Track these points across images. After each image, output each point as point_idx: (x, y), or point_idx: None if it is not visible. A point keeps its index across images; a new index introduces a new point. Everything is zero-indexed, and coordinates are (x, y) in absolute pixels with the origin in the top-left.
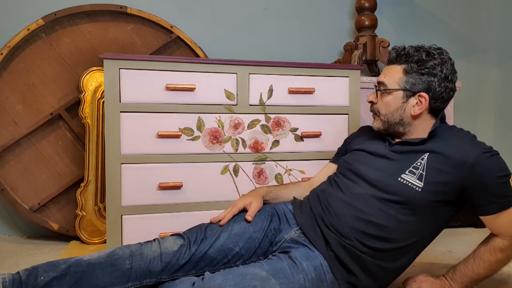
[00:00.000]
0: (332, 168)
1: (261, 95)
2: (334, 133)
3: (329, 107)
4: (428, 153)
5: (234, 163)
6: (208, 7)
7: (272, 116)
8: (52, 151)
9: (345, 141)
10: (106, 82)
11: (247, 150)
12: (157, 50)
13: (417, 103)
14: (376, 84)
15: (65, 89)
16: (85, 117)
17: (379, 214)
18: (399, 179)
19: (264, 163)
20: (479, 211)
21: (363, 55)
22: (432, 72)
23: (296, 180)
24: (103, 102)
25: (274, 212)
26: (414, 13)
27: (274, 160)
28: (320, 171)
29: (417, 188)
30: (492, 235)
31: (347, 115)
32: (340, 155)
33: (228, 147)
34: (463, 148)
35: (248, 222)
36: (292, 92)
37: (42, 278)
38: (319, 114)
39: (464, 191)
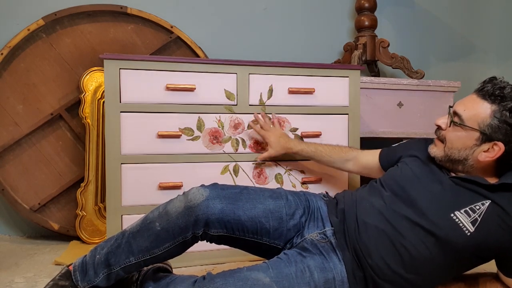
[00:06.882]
0: (375, 157)
1: (261, 95)
2: (334, 133)
3: (329, 107)
4: (490, 201)
5: (234, 163)
6: (208, 7)
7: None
8: (52, 151)
9: (402, 147)
10: (106, 82)
11: (247, 150)
12: (157, 50)
13: (488, 149)
14: (450, 109)
15: (65, 89)
16: (85, 117)
17: (415, 241)
18: (452, 215)
19: (264, 163)
20: (507, 272)
21: (363, 55)
22: None
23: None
24: (103, 102)
25: (307, 204)
26: (414, 13)
27: (274, 160)
28: (369, 152)
29: (466, 232)
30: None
31: (347, 115)
32: (390, 156)
33: (228, 147)
34: None
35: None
36: (292, 92)
37: (98, 256)
38: (319, 114)
39: (505, 250)
